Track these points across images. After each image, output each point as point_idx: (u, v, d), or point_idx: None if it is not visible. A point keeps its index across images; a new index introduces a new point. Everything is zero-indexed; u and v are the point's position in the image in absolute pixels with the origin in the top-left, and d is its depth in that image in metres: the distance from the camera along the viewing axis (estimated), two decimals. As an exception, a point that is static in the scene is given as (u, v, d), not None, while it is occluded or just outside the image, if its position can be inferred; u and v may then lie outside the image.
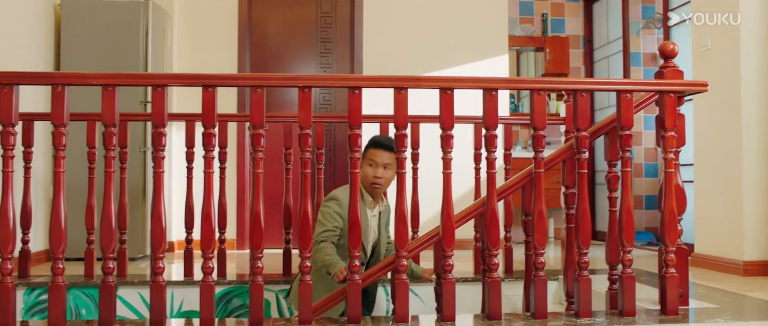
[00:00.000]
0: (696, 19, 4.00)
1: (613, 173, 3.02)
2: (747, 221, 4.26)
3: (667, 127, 2.90)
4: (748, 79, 4.27)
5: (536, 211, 2.84)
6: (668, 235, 2.92)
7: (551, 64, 7.11)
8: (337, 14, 6.09)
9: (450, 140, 2.77)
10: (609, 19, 7.01)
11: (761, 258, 4.26)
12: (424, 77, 2.85)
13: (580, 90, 2.85)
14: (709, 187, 4.61)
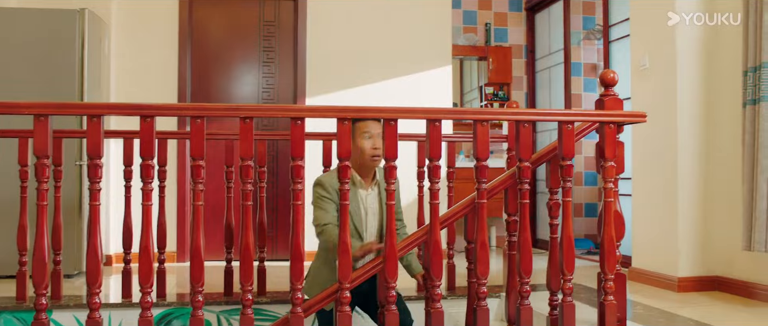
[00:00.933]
0: (696, 19, 3.96)
1: (554, 201, 3.05)
2: (682, 238, 4.37)
3: (607, 157, 2.95)
4: (683, 99, 4.37)
5: (479, 242, 2.86)
6: (607, 263, 2.97)
7: (494, 74, 7.17)
8: (280, 21, 6.01)
9: (394, 171, 2.75)
10: (551, 30, 7.10)
11: (694, 275, 4.37)
12: (368, 107, 2.81)
13: (523, 120, 2.88)
14: (646, 203, 4.71)
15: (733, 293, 4.22)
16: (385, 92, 6.08)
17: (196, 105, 2.73)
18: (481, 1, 7.28)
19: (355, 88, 6.05)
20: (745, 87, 3.81)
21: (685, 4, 4.36)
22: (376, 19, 6.11)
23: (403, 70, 6.14)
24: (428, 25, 6.20)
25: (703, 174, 4.39)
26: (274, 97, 5.98)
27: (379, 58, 6.10)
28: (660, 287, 4.47)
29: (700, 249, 4.39)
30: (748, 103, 3.79)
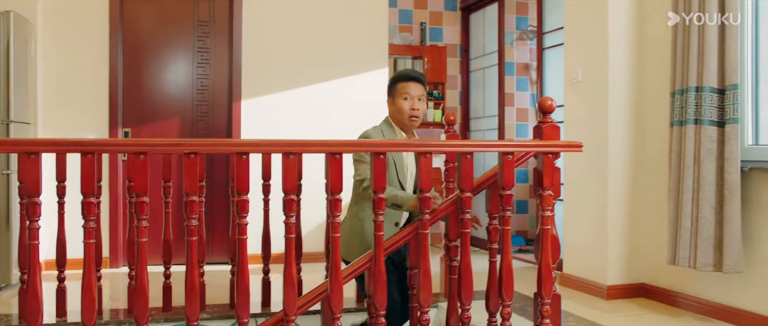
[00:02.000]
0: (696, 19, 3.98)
1: (493, 226, 3.13)
2: (611, 248, 4.55)
3: (545, 187, 3.04)
4: (614, 114, 4.52)
5: (422, 270, 2.92)
6: (544, 288, 3.07)
7: (429, 73, 7.23)
8: (214, 20, 5.91)
9: (338, 204, 2.77)
10: (485, 30, 7.20)
11: (622, 283, 4.56)
12: (313, 141, 2.81)
13: (464, 152, 2.94)
14: (577, 212, 4.86)
15: (658, 300, 4.42)
16: (322, 94, 6.08)
17: (139, 140, 2.69)
18: (417, 1, 7.32)
19: (293, 89, 6.02)
20: (673, 108, 3.97)
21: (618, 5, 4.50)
22: (314, 20, 6.09)
23: (341, 72, 6.15)
24: (366, 26, 6.22)
25: (632, 188, 4.56)
26: (208, 99, 5.89)
27: (317, 58, 6.09)
28: (590, 294, 4.64)
29: (628, 258, 4.57)
30: (675, 124, 3.95)
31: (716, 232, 3.74)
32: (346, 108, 6.13)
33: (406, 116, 3.42)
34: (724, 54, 3.69)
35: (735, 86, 3.64)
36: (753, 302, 3.75)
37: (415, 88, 3.43)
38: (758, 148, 3.78)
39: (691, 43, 3.81)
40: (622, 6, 4.51)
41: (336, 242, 2.79)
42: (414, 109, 3.41)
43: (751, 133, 3.83)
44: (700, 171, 3.76)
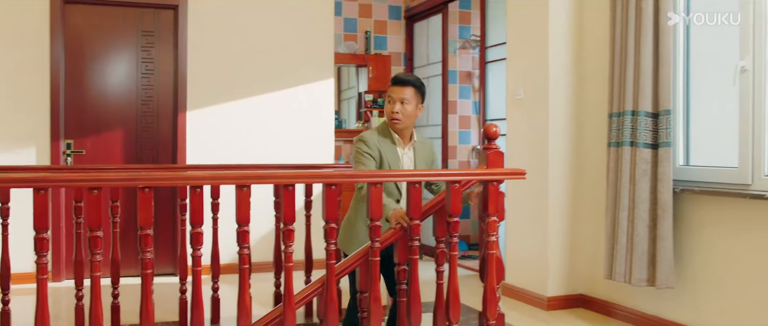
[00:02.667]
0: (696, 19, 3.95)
1: (440, 249, 3.24)
2: (551, 260, 4.72)
3: (490, 213, 3.16)
4: (555, 132, 4.68)
5: (372, 297, 3.02)
6: (489, 309, 3.20)
7: (374, 81, 7.32)
8: (159, 31, 5.87)
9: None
10: (429, 39, 7.31)
11: (561, 294, 4.73)
12: (266, 173, 2.87)
13: (413, 182, 3.04)
14: (519, 224, 5.02)
15: (595, 311, 4.61)
16: (269, 104, 6.11)
17: (94, 175, 2.70)
18: (362, 9, 7.39)
19: (240, 100, 6.03)
20: (610, 129, 4.15)
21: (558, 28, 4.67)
22: (260, 30, 6.10)
23: (287, 82, 6.19)
24: (312, 37, 6.27)
25: (572, 204, 4.73)
26: (154, 110, 5.86)
27: (263, 69, 6.11)
28: (531, 304, 4.81)
29: (568, 270, 4.75)
30: (613, 145, 4.13)
31: (650, 249, 3.93)
32: (292, 118, 6.18)
33: (387, 119, 3.53)
34: (658, 80, 3.87)
35: (668, 111, 3.82)
36: (683, 315, 3.96)
37: (396, 91, 3.49)
38: (689, 168, 3.98)
39: (628, 69, 3.98)
40: (563, 28, 4.67)
41: (289, 272, 2.86)
42: (393, 112, 3.47)
43: (683, 154, 4.03)
44: (636, 190, 3.95)
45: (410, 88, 3.50)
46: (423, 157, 3.63)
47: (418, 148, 3.62)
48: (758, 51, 3.55)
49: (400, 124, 3.50)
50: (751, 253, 3.56)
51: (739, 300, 3.65)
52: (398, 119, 3.48)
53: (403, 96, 3.48)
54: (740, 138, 3.64)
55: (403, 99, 3.48)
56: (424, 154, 3.64)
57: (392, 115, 3.48)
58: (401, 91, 3.49)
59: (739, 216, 3.63)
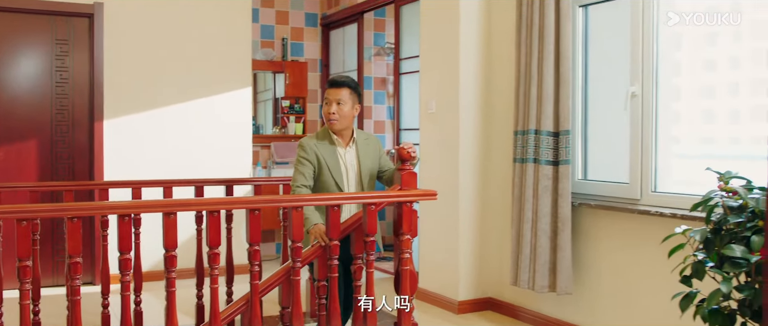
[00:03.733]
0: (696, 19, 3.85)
1: (358, 265, 3.44)
2: (462, 266, 4.99)
3: (404, 231, 3.39)
4: (465, 145, 4.94)
5: (294, 315, 3.19)
6: (404, 321, 3.43)
7: (291, 88, 7.45)
8: (74, 39, 5.82)
9: (217, 257, 2.97)
10: (345, 46, 7.49)
11: (471, 298, 5.02)
12: (194, 200, 3.00)
13: (331, 205, 3.23)
14: (431, 232, 5.27)
15: (502, 313, 4.91)
16: (187, 112, 6.15)
17: (22, 207, 2.76)
18: (279, 17, 7.49)
19: (158, 108, 6.06)
20: (516, 146, 4.44)
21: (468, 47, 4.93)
22: (178, 38, 6.14)
23: (206, 91, 6.25)
24: (230, 46, 6.35)
25: (481, 213, 5.01)
26: (69, 119, 5.82)
27: (181, 77, 6.15)
28: (444, 308, 5.07)
29: (477, 275, 5.03)
30: (518, 161, 4.42)
31: (551, 258, 4.24)
32: (210, 127, 6.25)
33: (326, 120, 3.71)
34: (559, 102, 4.17)
35: (567, 131, 4.14)
36: (581, 318, 4.29)
37: (332, 93, 3.69)
38: (587, 183, 4.31)
39: (532, 91, 4.27)
40: (473, 47, 4.93)
41: (215, 294, 2.99)
42: (330, 112, 3.67)
43: (581, 169, 4.36)
44: (538, 204, 4.25)
45: (345, 89, 3.70)
46: (367, 153, 3.81)
47: (361, 146, 3.80)
48: (646, 78, 3.89)
49: (337, 124, 3.69)
50: (639, 264, 3.91)
51: (629, 305, 4.00)
52: (335, 119, 3.67)
53: (339, 97, 3.68)
54: (631, 157, 3.98)
55: (339, 100, 3.67)
56: (368, 150, 3.82)
57: (329, 116, 3.67)
58: (337, 92, 3.69)
59: (629, 228, 3.97)
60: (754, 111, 3.73)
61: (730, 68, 3.90)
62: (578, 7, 4.31)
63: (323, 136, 3.76)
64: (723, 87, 3.94)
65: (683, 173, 3.96)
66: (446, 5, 5.03)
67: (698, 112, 4.05)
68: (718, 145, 3.98)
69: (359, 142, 3.81)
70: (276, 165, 7.26)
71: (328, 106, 3.69)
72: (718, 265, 2.39)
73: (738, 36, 3.81)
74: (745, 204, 2.38)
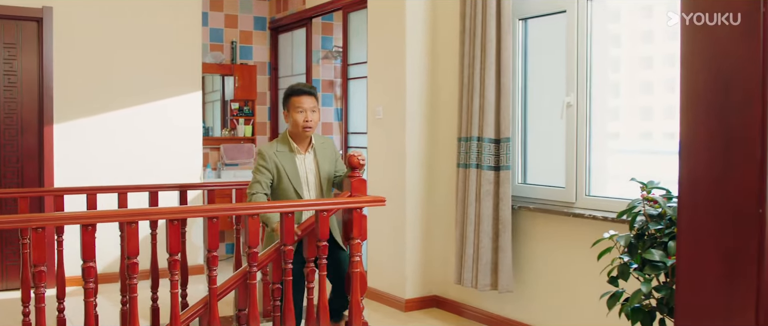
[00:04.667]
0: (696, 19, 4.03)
1: (310, 268, 3.62)
2: (408, 266, 5.20)
3: (354, 236, 3.58)
4: (412, 150, 5.15)
5: (251, 316, 3.35)
6: (354, 321, 3.62)
7: (240, 90, 7.55)
8: (22, 43, 5.83)
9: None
10: (294, 50, 7.62)
11: (417, 296, 5.24)
12: (157, 209, 3.13)
13: (285, 212, 3.39)
14: (379, 232, 5.47)
15: (447, 310, 5.14)
16: (137, 116, 6.21)
17: (-13, 218, 2.85)
18: (228, 20, 7.58)
19: (108, 112, 6.11)
20: (459, 152, 4.66)
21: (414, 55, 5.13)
22: (128, 43, 6.18)
23: (156, 95, 6.31)
24: (180, 50, 6.42)
25: (426, 216, 5.23)
26: (17, 123, 5.83)
27: (131, 82, 6.20)
28: (391, 306, 5.28)
29: (423, 274, 5.25)
30: (461, 166, 4.64)
31: (493, 259, 4.49)
32: (162, 130, 6.32)
33: (300, 127, 3.86)
34: (500, 111, 4.41)
35: (508, 139, 4.38)
36: (522, 314, 4.55)
37: (307, 101, 3.89)
38: (526, 186, 4.57)
39: (474, 101, 4.50)
40: (419, 55, 5.14)
41: (175, 298, 3.13)
42: (307, 120, 3.86)
43: (520, 174, 4.62)
44: (481, 207, 4.48)
45: (314, 97, 3.95)
46: (325, 156, 4.03)
47: (319, 149, 4.00)
48: (581, 89, 4.16)
49: (312, 130, 3.92)
50: (574, 264, 4.18)
51: (565, 302, 4.27)
52: (311, 127, 3.90)
53: (314, 105, 3.92)
54: (566, 162, 4.25)
55: (313, 107, 3.91)
56: (325, 153, 4.04)
57: (306, 124, 3.87)
58: (311, 100, 3.92)
59: (565, 230, 4.24)
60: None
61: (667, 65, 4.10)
62: (518, 20, 4.56)
63: (283, 144, 3.94)
64: (660, 84, 4.15)
65: (622, 169, 4.20)
66: (393, 16, 5.23)
67: (637, 109, 4.29)
68: (654, 140, 4.21)
69: (317, 146, 4.01)
70: (226, 167, 7.37)
71: (305, 114, 3.87)
72: (641, 267, 2.64)
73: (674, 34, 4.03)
74: (664, 212, 2.64)
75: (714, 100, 1.89)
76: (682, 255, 1.96)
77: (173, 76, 6.40)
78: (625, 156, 4.31)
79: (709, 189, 1.92)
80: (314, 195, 3.94)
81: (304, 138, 3.95)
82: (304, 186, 3.92)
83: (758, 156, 1.81)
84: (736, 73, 1.86)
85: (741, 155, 1.85)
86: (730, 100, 1.87)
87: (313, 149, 3.99)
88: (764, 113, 1.79)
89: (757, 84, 1.81)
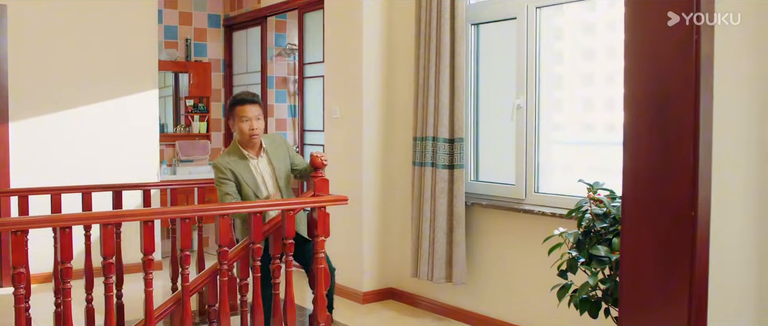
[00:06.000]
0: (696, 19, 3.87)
1: (276, 264, 3.78)
2: (366, 260, 5.40)
3: (318, 234, 3.76)
4: (368, 149, 5.34)
5: (222, 312, 3.51)
6: (319, 315, 3.80)
7: (194, 87, 7.62)
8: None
9: (152, 263, 3.24)
10: (248, 47, 7.72)
11: (375, 288, 5.45)
12: (137, 210, 3.24)
13: (253, 212, 3.55)
14: (338, 229, 5.56)
15: (403, 302, 5.36)
16: (95, 115, 6.25)
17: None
18: (182, 17, 7.64)
19: (66, 110, 6.13)
20: (415, 151, 4.87)
21: (370, 42, 5.32)
22: (84, 42, 6.20)
23: (112, 93, 6.36)
24: (136, 48, 6.48)
25: (383, 212, 5.43)
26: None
27: (88, 80, 6.23)
28: (350, 298, 5.47)
29: (380, 268, 5.46)
30: (417, 164, 4.86)
31: (447, 253, 4.72)
32: (118, 128, 6.37)
33: (247, 136, 3.99)
34: (454, 112, 4.64)
35: (461, 138, 4.61)
36: (475, 305, 4.80)
37: (251, 110, 4.01)
38: (478, 184, 4.81)
39: (429, 102, 4.72)
40: (375, 59, 5.32)
41: (149, 296, 3.27)
42: (253, 128, 3.99)
43: (473, 172, 4.86)
44: (436, 204, 4.70)
45: (258, 105, 4.07)
46: (278, 156, 4.16)
47: (271, 151, 4.13)
48: (530, 92, 4.41)
49: (258, 138, 4.04)
50: (525, 257, 4.43)
51: (516, 294, 4.52)
52: (257, 134, 4.02)
53: (258, 112, 4.04)
54: (516, 161, 4.50)
55: (258, 115, 4.03)
56: (278, 154, 4.16)
57: (252, 132, 3.99)
58: (255, 108, 4.04)
59: (515, 226, 4.49)
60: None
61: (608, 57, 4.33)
62: (470, 25, 4.79)
63: (234, 153, 4.08)
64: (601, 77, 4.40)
65: (568, 162, 4.50)
66: (350, 19, 5.41)
67: (579, 100, 4.53)
68: (596, 132, 4.47)
69: (268, 148, 4.15)
70: (181, 164, 7.43)
71: (250, 122, 4.00)
72: (588, 262, 2.89)
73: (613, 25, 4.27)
74: (609, 211, 2.90)
75: (654, 114, 2.13)
76: (625, 250, 2.20)
77: (130, 73, 6.45)
78: (569, 148, 4.57)
79: (650, 194, 2.16)
80: (273, 196, 4.08)
81: (254, 144, 4.07)
82: (262, 188, 4.07)
83: (691, 164, 2.06)
84: (672, 92, 2.10)
85: (677, 164, 2.10)
86: (667, 115, 2.11)
87: (265, 152, 4.12)
88: (696, 127, 2.03)
89: (690, 102, 2.05)
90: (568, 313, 3.30)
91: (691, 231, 2.06)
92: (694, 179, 2.05)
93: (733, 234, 2.83)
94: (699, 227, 2.06)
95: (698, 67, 2.08)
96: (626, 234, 2.21)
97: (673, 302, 2.10)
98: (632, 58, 2.21)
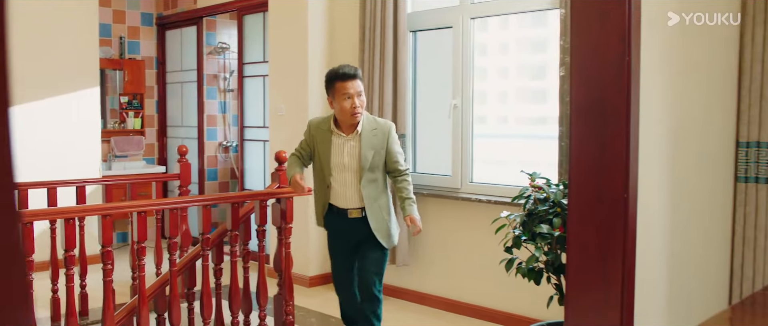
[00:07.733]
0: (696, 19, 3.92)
1: (244, 250, 4.18)
2: (312, 247, 5.84)
3: (287, 221, 4.18)
4: (313, 144, 5.78)
5: (204, 292, 3.88)
6: (287, 294, 4.23)
7: (129, 85, 7.81)
8: None
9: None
10: (183, 46, 7.96)
11: (320, 273, 5.89)
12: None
13: (205, 204, 3.91)
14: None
15: (346, 285, 5.83)
16: (36, 113, 6.38)
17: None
18: (116, 15, 7.80)
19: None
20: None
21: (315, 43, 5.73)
22: (24, 39, 6.29)
23: (53, 90, 6.50)
24: (77, 45, 6.63)
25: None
26: None
27: (29, 77, 6.32)
28: (297, 283, 5.87)
29: (325, 253, 5.86)
30: (362, 158, 5.33)
31: (392, 237, 5.22)
32: (61, 126, 6.52)
33: (348, 115, 3.53)
34: (397, 110, 5.13)
35: (404, 135, 5.11)
36: (417, 284, 5.33)
37: (353, 86, 3.51)
38: (419, 175, 5.33)
39: (374, 101, 5.20)
40: (320, 61, 5.75)
41: (109, 291, 3.61)
42: (355, 106, 3.50)
43: (412, 164, 5.38)
44: (381, 193, 5.19)
45: (361, 80, 3.60)
46: (371, 142, 3.62)
47: (366, 137, 3.62)
48: (465, 92, 4.96)
49: (360, 116, 3.57)
50: (461, 241, 4.99)
51: (454, 273, 5.08)
52: (360, 112, 3.55)
53: (360, 88, 3.56)
54: (453, 155, 5.05)
55: (359, 92, 3.55)
56: (373, 140, 3.62)
57: (354, 110, 3.51)
58: (356, 84, 3.54)
59: (453, 212, 5.04)
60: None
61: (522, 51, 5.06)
62: (409, 32, 5.29)
63: (327, 123, 3.71)
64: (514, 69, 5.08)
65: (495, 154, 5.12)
66: (294, 23, 5.81)
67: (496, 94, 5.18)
68: (521, 127, 5.12)
69: (365, 133, 3.64)
70: (117, 159, 7.61)
71: (352, 100, 3.52)
72: (531, 238, 3.45)
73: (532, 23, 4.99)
74: (548, 196, 3.47)
75: (595, 116, 2.69)
76: (572, 225, 2.75)
77: (71, 70, 6.60)
78: (497, 142, 5.19)
79: (591, 181, 2.72)
80: (347, 179, 3.70)
81: (353, 123, 3.60)
82: (335, 168, 3.67)
83: (624, 157, 2.63)
84: (609, 100, 2.66)
85: (612, 156, 2.67)
86: (605, 117, 2.67)
87: (359, 136, 3.62)
88: (628, 127, 2.61)
89: (623, 106, 2.62)
90: (504, 288, 3.88)
91: (624, 210, 2.63)
92: (627, 169, 2.62)
93: (654, 212, 3.48)
94: (630, 206, 2.64)
95: (629, 79, 2.65)
96: (573, 213, 2.76)
97: (611, 264, 2.67)
98: (576, 73, 2.76)
